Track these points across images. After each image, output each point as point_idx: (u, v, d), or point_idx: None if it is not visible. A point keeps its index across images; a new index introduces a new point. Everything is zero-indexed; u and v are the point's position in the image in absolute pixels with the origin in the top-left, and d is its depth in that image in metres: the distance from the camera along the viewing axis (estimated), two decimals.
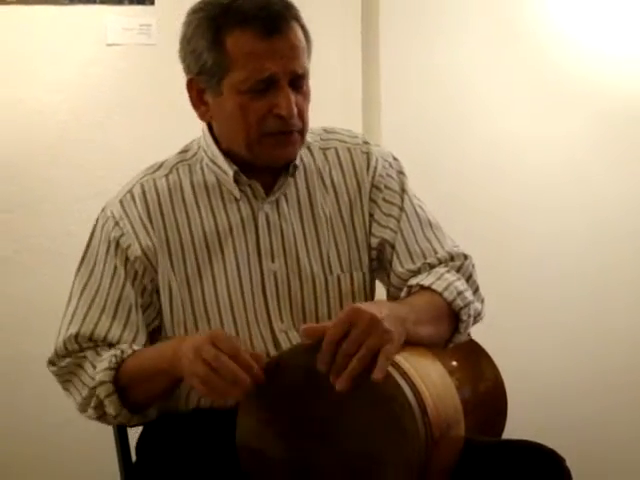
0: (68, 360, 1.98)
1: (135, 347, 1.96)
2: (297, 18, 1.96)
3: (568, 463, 1.89)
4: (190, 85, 1.99)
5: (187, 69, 1.98)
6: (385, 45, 3.26)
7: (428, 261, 2.02)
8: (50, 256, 3.06)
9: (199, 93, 1.98)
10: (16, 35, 3.08)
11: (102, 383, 1.92)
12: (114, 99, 3.15)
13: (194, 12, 1.97)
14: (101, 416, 1.97)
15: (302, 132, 1.98)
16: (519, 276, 3.38)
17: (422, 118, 3.30)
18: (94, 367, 1.94)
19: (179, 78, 2.13)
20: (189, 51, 1.96)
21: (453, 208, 3.18)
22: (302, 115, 1.96)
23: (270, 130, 1.94)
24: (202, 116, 2.01)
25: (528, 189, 3.39)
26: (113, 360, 1.92)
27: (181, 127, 2.46)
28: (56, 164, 3.12)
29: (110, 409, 1.93)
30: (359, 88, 3.33)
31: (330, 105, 2.01)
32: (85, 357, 1.97)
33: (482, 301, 2.05)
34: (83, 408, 1.98)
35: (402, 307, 1.87)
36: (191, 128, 2.10)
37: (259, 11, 1.91)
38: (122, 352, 1.94)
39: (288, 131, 1.94)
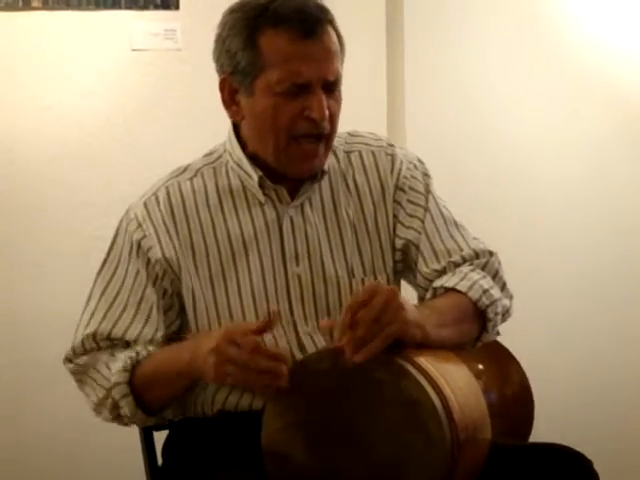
0: (85, 358, 1.99)
1: (150, 348, 1.96)
2: (332, 22, 1.96)
3: (595, 466, 1.89)
4: (223, 84, 1.98)
5: (221, 69, 1.98)
6: (410, 50, 3.28)
7: (453, 259, 2.01)
8: (79, 261, 3.07)
9: (231, 93, 1.98)
10: (42, 41, 3.10)
11: (117, 384, 1.92)
12: (140, 104, 3.16)
13: (230, 12, 1.97)
14: (116, 417, 1.97)
15: (329, 138, 1.97)
16: (546, 274, 3.38)
17: (446, 121, 3.30)
18: (109, 368, 1.95)
19: (204, 82, 2.13)
20: (224, 50, 1.96)
21: (478, 209, 3.18)
22: (332, 119, 1.96)
23: (299, 133, 1.94)
24: (233, 116, 2.01)
25: (555, 189, 3.39)
26: (128, 362, 1.93)
27: (207, 131, 2.47)
28: (83, 169, 3.14)
29: (125, 410, 1.94)
30: (384, 93, 3.33)
31: (355, 110, 2.00)
32: (100, 357, 1.97)
33: (510, 297, 2.04)
34: (98, 409, 1.99)
35: (423, 309, 1.88)
36: (217, 132, 2.10)
37: (295, 13, 1.91)
38: (137, 354, 1.94)
39: (316, 134, 1.94)
